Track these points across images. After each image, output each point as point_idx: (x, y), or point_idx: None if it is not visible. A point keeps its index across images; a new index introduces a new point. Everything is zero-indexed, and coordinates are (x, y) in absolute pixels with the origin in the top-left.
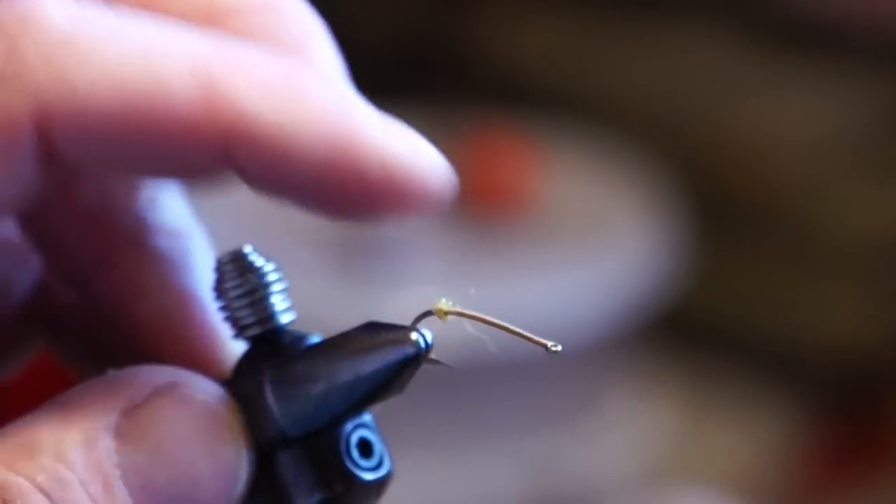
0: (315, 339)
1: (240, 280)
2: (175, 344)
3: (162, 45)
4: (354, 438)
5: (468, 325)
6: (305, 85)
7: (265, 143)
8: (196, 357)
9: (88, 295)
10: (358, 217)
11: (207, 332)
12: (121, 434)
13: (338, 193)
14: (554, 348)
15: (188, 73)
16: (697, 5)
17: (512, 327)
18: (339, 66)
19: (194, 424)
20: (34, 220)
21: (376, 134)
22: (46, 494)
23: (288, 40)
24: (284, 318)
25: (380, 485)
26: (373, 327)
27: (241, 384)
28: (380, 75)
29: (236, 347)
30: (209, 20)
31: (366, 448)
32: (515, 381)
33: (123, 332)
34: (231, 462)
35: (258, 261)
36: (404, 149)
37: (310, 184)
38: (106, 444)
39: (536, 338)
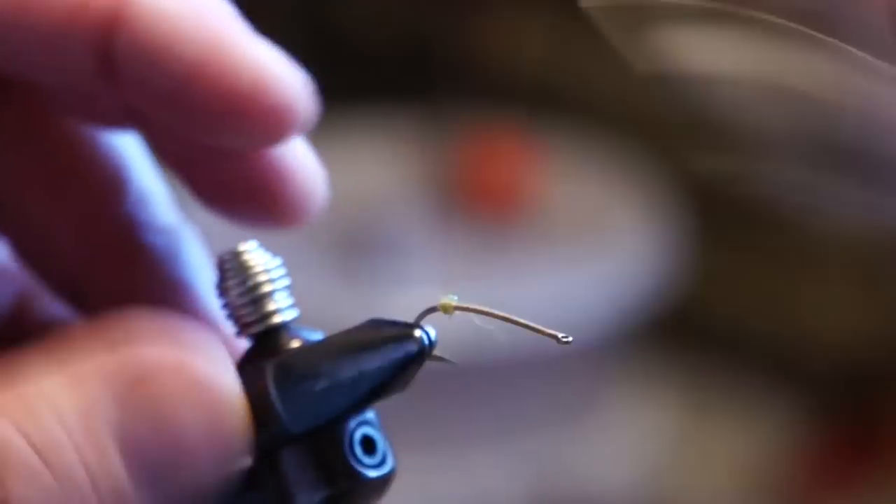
0: (318, 336)
1: (242, 277)
2: None
3: None
4: (358, 436)
5: (475, 319)
6: None
7: (144, 28)
8: None
9: (79, 302)
10: (221, 134)
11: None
12: (124, 404)
13: (207, 101)
14: (565, 339)
15: None
16: None
17: (520, 320)
18: None
19: (200, 408)
20: (24, 227)
21: (250, 45)
22: (39, 452)
23: None
24: (287, 315)
25: (383, 482)
26: (376, 324)
27: (244, 381)
28: (380, 75)
29: (239, 345)
30: None
31: (369, 445)
32: (515, 381)
33: None
34: (232, 449)
35: (261, 257)
36: (273, 65)
37: (180, 87)
38: (107, 412)
39: (546, 329)
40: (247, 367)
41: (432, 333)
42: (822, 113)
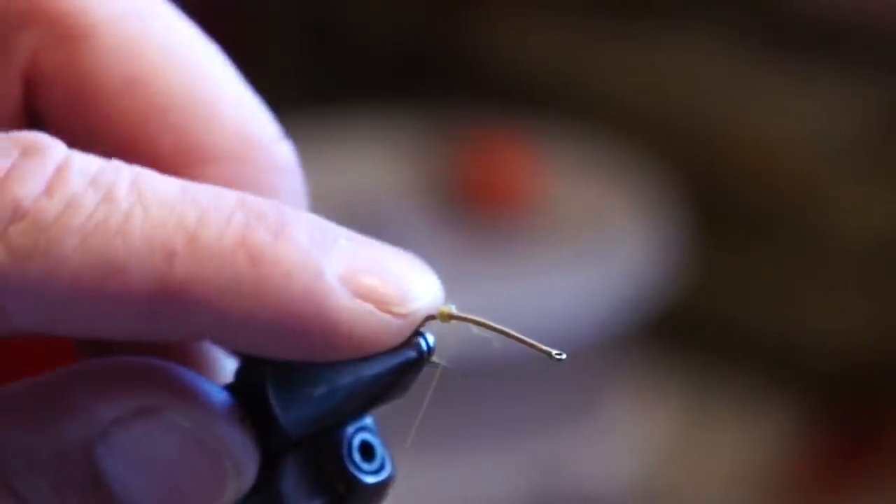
0: None
1: None
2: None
3: (132, 227)
4: (356, 441)
5: (471, 327)
6: (270, 273)
7: (224, 327)
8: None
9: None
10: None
11: None
12: (109, 442)
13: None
14: (558, 356)
15: (149, 267)
16: (696, 7)
17: (515, 333)
18: (306, 214)
19: (180, 449)
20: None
21: (345, 315)
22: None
23: (263, 190)
24: None
25: (381, 488)
26: None
27: (242, 387)
28: (380, 75)
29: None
30: (186, 166)
31: (367, 451)
32: (515, 382)
33: None
34: (218, 484)
35: None
36: (373, 321)
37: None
38: (90, 451)
39: (540, 345)
40: (245, 372)
41: (431, 339)
42: None
